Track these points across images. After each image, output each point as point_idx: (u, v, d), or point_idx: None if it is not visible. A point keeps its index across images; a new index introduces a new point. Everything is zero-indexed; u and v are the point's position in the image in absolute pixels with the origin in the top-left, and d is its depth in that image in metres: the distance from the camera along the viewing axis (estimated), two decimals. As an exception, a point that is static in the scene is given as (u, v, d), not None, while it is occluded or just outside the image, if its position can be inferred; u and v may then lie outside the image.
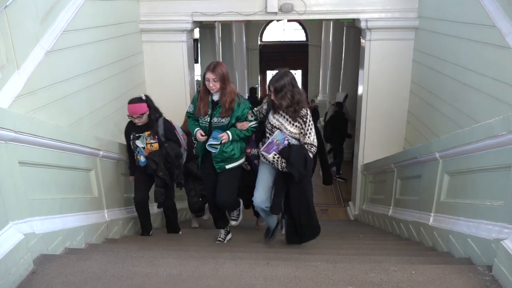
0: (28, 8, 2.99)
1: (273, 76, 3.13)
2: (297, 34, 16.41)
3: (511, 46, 3.11)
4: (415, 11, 5.31)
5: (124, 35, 5.02)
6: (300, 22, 15.21)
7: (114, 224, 3.91)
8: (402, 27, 5.41)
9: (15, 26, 2.79)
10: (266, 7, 5.56)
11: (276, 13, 5.62)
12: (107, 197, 3.79)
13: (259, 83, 16.21)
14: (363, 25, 5.49)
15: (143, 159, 3.74)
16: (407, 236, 3.99)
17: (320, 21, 13.12)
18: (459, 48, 4.05)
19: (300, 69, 16.66)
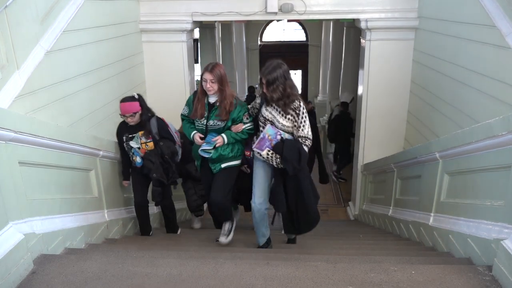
0: (28, 8, 2.99)
1: (265, 68, 3.00)
2: (297, 34, 16.42)
3: (511, 46, 3.11)
4: (415, 11, 5.31)
5: (124, 35, 5.02)
6: (300, 22, 15.22)
7: (114, 224, 3.91)
8: (402, 27, 5.41)
9: (15, 26, 2.79)
10: (266, 7, 5.56)
11: (276, 13, 5.62)
12: (107, 197, 3.79)
13: (259, 83, 16.20)
14: (363, 25, 5.49)
15: (139, 159, 3.71)
16: (407, 236, 3.99)
17: (320, 21, 13.12)
18: (459, 48, 4.05)
19: (300, 69, 16.68)
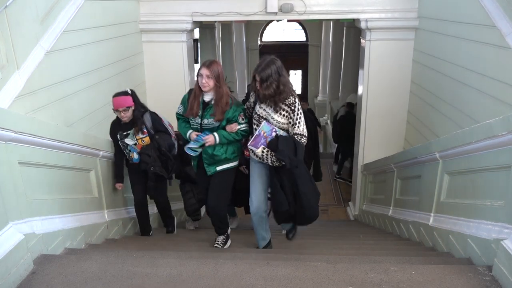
0: (28, 8, 2.99)
1: (258, 65, 2.88)
2: (297, 34, 16.43)
3: (511, 46, 3.11)
4: (415, 11, 5.30)
5: (124, 35, 5.02)
6: (300, 22, 15.24)
7: (114, 224, 3.91)
8: (402, 27, 5.40)
9: (15, 26, 2.79)
10: (266, 7, 5.56)
11: (276, 13, 5.62)
12: (107, 197, 3.79)
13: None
14: (363, 25, 5.49)
15: (136, 156, 3.65)
16: (407, 236, 3.99)
17: (320, 21, 13.13)
18: (459, 48, 4.05)
19: (300, 69, 16.70)
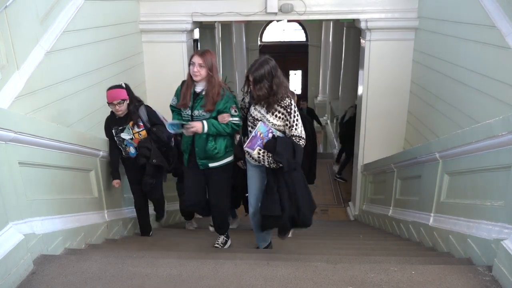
0: (28, 9, 2.99)
1: (251, 65, 2.80)
2: (297, 35, 16.43)
3: (511, 46, 3.11)
4: (415, 11, 5.31)
5: (124, 35, 5.02)
6: (300, 22, 15.23)
7: (114, 224, 3.91)
8: (402, 27, 5.40)
9: (15, 26, 2.79)
10: (266, 8, 5.56)
11: (276, 13, 5.62)
12: (107, 198, 3.79)
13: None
14: (363, 25, 5.49)
15: (133, 150, 3.59)
16: (407, 237, 3.99)
17: (320, 22, 13.13)
18: (459, 48, 4.05)
19: (300, 69, 16.69)
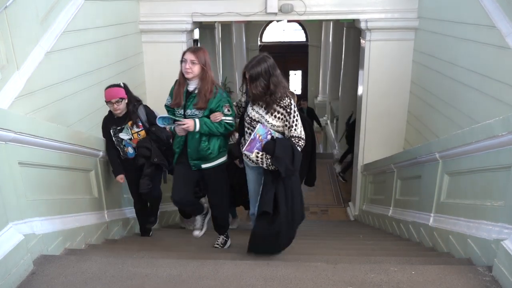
0: (28, 9, 2.99)
1: (249, 61, 2.72)
2: (297, 35, 16.43)
3: (511, 46, 3.11)
4: (415, 11, 5.31)
5: (124, 35, 5.02)
6: (300, 22, 15.24)
7: (114, 224, 3.91)
8: (402, 27, 5.40)
9: (15, 26, 2.79)
10: (266, 8, 5.56)
11: (276, 13, 5.62)
12: (107, 198, 3.79)
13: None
14: (363, 25, 5.49)
15: (131, 150, 3.56)
16: (407, 237, 3.99)
17: (320, 22, 13.13)
18: (459, 48, 4.05)
19: (300, 69, 16.70)
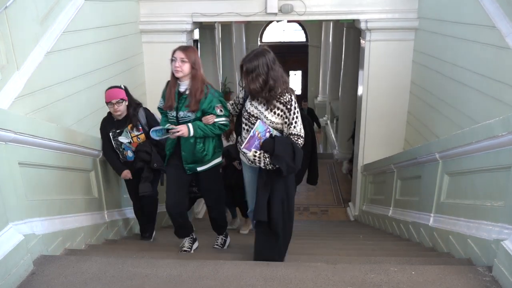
0: (28, 9, 2.99)
1: (247, 54, 2.62)
2: (297, 35, 16.44)
3: (511, 46, 3.11)
4: (415, 11, 5.31)
5: (124, 36, 5.02)
6: (300, 23, 15.24)
7: (114, 225, 3.91)
8: (402, 27, 5.40)
9: (15, 26, 2.79)
10: (266, 8, 5.56)
11: (276, 14, 5.62)
12: (107, 198, 3.79)
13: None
14: (363, 25, 5.49)
15: (130, 154, 3.53)
16: (407, 237, 3.99)
17: (320, 22, 13.13)
18: (459, 48, 4.05)
19: (300, 69, 16.71)
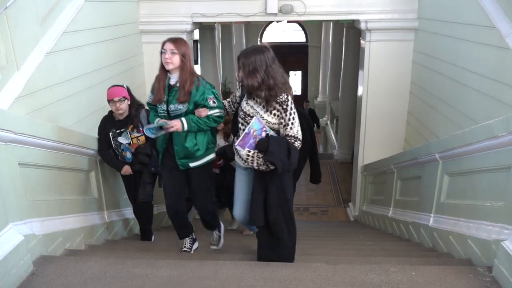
0: (28, 9, 2.99)
1: (245, 49, 2.52)
2: (297, 35, 16.46)
3: (510, 47, 3.11)
4: (415, 12, 5.31)
5: (124, 36, 5.02)
6: (300, 23, 15.25)
7: (114, 225, 3.91)
8: (402, 28, 5.41)
9: (15, 27, 2.79)
10: (266, 8, 5.56)
11: (276, 14, 5.62)
12: (107, 198, 3.79)
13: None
14: (362, 26, 5.49)
15: (129, 155, 3.51)
16: (407, 237, 3.99)
17: (320, 22, 13.14)
18: (459, 49, 4.05)
19: (300, 70, 16.73)
